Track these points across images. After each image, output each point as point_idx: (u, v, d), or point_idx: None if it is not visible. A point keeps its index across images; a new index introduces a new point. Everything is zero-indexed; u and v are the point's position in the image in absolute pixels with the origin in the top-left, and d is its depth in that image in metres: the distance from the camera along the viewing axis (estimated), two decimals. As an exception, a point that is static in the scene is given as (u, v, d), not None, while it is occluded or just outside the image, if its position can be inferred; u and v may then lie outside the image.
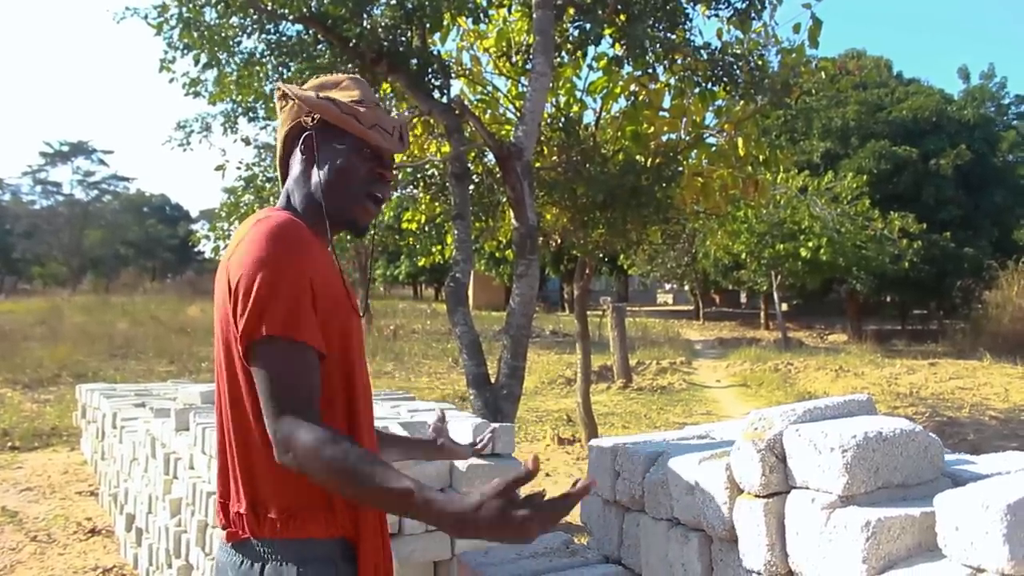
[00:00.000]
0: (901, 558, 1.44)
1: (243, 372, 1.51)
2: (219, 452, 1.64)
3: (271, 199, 7.43)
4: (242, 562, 1.57)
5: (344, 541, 1.58)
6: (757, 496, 1.63)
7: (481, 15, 6.95)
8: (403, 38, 6.22)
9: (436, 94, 6.24)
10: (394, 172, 1.79)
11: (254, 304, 1.46)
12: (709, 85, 7.08)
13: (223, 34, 6.44)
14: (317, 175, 1.65)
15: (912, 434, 1.57)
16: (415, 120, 7.43)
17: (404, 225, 9.04)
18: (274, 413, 1.43)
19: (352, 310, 1.67)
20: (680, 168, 7.76)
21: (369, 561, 1.61)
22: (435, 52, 6.76)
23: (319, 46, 6.39)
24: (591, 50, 7.45)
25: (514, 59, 7.73)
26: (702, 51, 6.94)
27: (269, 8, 6.13)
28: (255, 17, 6.30)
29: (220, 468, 1.64)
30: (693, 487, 1.79)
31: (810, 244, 20.83)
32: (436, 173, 7.79)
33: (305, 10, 5.97)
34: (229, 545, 1.61)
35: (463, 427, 3.85)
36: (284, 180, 1.73)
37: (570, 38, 6.86)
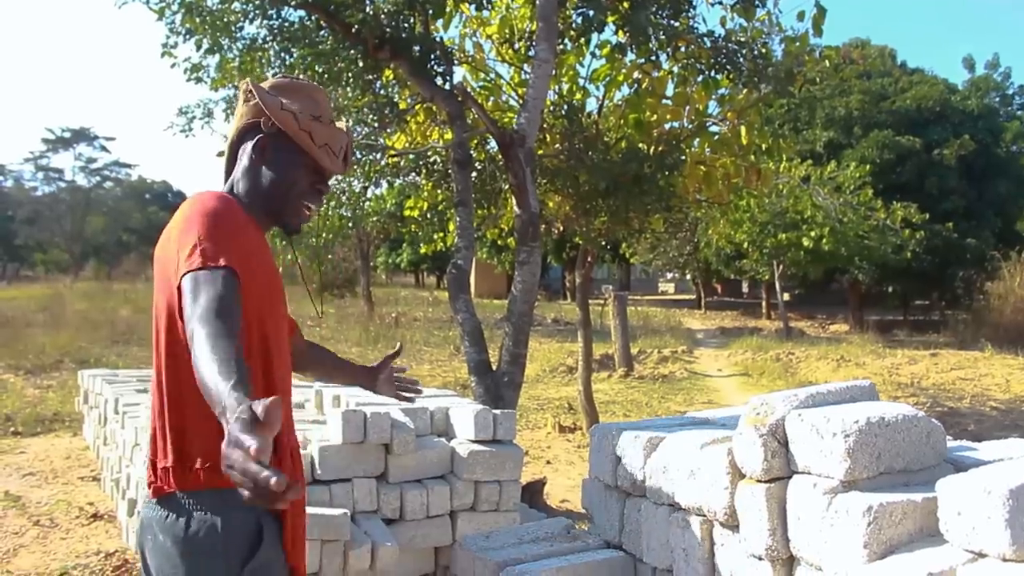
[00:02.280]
0: (902, 543, 1.44)
1: (182, 326, 1.52)
2: (154, 415, 1.69)
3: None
4: (167, 516, 1.63)
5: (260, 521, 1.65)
6: (759, 481, 1.63)
7: (484, 1, 6.92)
8: (406, 24, 6.19)
9: (439, 81, 6.22)
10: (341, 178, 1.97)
11: (193, 244, 1.54)
12: (712, 73, 7.05)
13: (225, 19, 6.41)
14: (263, 175, 1.81)
15: (914, 420, 1.57)
16: (417, 107, 7.41)
17: (406, 212, 9.02)
18: (200, 309, 1.45)
19: (279, 290, 1.81)
20: (683, 156, 7.74)
21: (288, 512, 1.69)
22: (438, 39, 6.73)
23: (321, 32, 6.36)
24: (594, 37, 7.42)
25: (517, 46, 7.70)
26: (706, 39, 6.91)
27: (271, -7, 6.11)
28: (257, 2, 6.28)
29: (153, 430, 1.70)
30: (694, 472, 1.80)
31: (812, 234, 20.79)
32: (438, 160, 7.78)
33: (307, -5, 5.95)
34: (154, 501, 1.66)
35: (465, 414, 3.85)
36: (230, 165, 1.89)
37: (573, 25, 6.83)
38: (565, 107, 7.82)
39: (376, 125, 6.95)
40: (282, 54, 6.51)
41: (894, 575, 1.36)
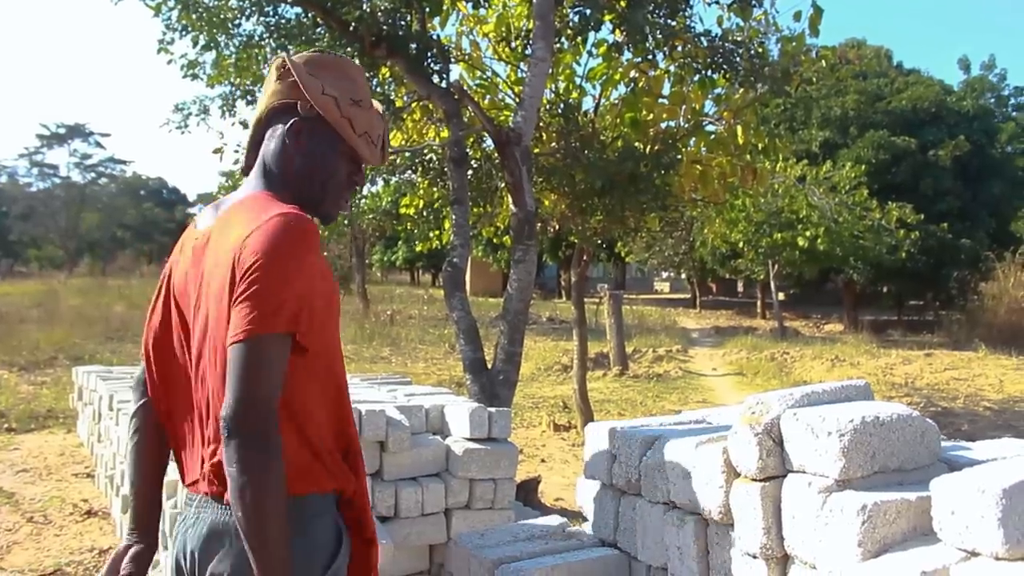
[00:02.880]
0: (896, 542, 1.45)
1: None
2: (194, 422, 1.61)
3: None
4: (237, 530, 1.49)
5: (337, 494, 1.61)
6: (754, 480, 1.63)
7: (481, 0, 6.92)
8: (402, 22, 6.18)
9: (435, 79, 6.21)
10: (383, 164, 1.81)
11: (264, 297, 1.45)
12: (709, 72, 7.06)
13: (221, 16, 6.40)
14: (298, 162, 1.67)
15: (909, 419, 1.58)
16: (414, 104, 7.41)
17: (402, 210, 9.02)
18: (247, 391, 1.42)
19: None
20: (679, 155, 7.74)
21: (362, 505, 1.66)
22: (434, 37, 6.72)
23: (318, 29, 6.35)
24: (591, 36, 7.42)
25: (513, 44, 7.70)
26: (702, 38, 6.92)
27: (268, -10, 6.10)
28: (254, -1, 6.27)
29: (203, 431, 1.59)
30: (690, 471, 1.80)
31: (807, 233, 20.82)
32: (434, 158, 7.78)
33: (304, -8, 5.94)
34: (226, 509, 1.53)
35: (460, 412, 3.86)
36: (255, 143, 1.73)
37: (570, 24, 6.83)
38: (561, 106, 7.82)
39: (372, 122, 6.94)
40: (279, 51, 6.49)
41: (888, 573, 1.37)
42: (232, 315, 1.46)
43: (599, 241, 9.99)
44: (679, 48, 7.00)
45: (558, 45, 7.14)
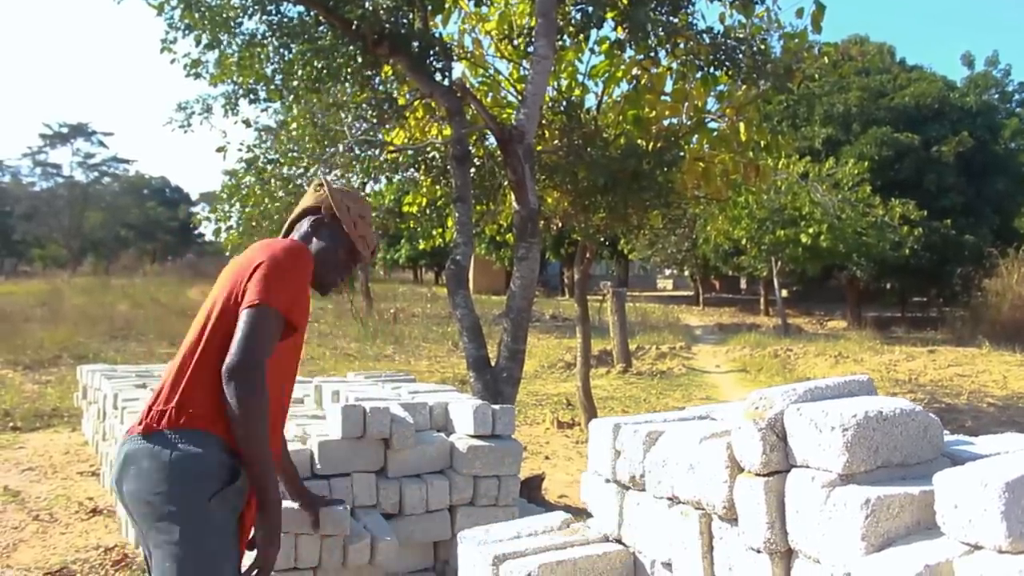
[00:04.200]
0: (900, 535, 1.45)
1: (232, 319, 2.09)
2: (172, 372, 2.13)
3: (272, 181, 7.41)
4: (153, 447, 2.01)
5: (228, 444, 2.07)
6: (757, 474, 1.64)
7: (483, -3, 6.93)
8: (405, 20, 6.19)
9: (438, 76, 6.22)
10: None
11: (270, 279, 2.12)
12: (711, 69, 7.06)
13: (224, 15, 6.41)
14: (313, 245, 2.42)
15: (912, 414, 1.58)
16: (416, 103, 7.41)
17: (405, 208, 9.02)
18: (245, 349, 2.03)
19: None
20: (681, 153, 7.74)
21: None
22: (437, 34, 6.73)
23: (320, 28, 6.36)
24: (593, 33, 7.42)
25: (516, 42, 7.70)
26: (704, 35, 6.91)
27: (270, -11, 6.11)
28: (256, -2, 6.28)
29: (164, 383, 2.13)
30: (693, 466, 1.81)
31: (810, 230, 20.79)
32: (437, 156, 7.78)
33: (307, -9, 5.95)
34: (140, 437, 2.05)
35: (464, 409, 3.86)
36: (290, 226, 2.53)
37: (572, 21, 6.83)
38: (564, 103, 7.82)
39: (375, 121, 6.96)
40: (281, 50, 6.51)
41: (891, 567, 1.37)
42: (247, 290, 2.10)
43: (602, 239, 10.00)
44: (681, 45, 7.00)
45: (560, 43, 7.14)
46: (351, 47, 6.11)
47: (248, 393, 2.00)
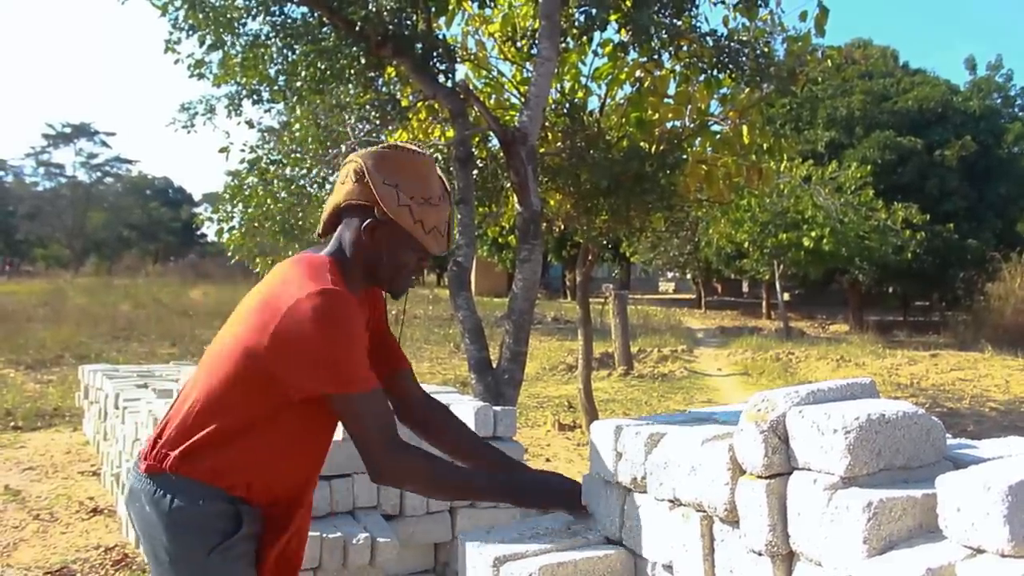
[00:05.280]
0: (902, 539, 1.45)
1: (252, 375, 1.84)
2: (182, 410, 1.92)
3: (275, 182, 7.42)
4: (155, 491, 1.87)
5: (241, 501, 1.90)
6: (759, 477, 1.63)
7: (487, 0, 6.92)
8: (408, 22, 6.19)
9: (441, 78, 6.22)
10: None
11: (330, 365, 1.81)
12: (714, 72, 7.05)
13: (228, 15, 6.42)
14: (372, 255, 1.95)
15: (915, 417, 1.58)
16: (419, 104, 7.42)
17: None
18: (377, 447, 1.88)
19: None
20: (684, 155, 7.74)
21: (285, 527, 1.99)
22: (440, 36, 6.74)
23: (324, 29, 6.37)
24: (596, 36, 7.42)
25: (519, 44, 7.70)
26: (708, 38, 6.91)
27: (274, -11, 6.11)
28: (260, -1, 6.29)
29: (171, 418, 1.94)
30: (695, 468, 1.80)
31: (813, 234, 20.79)
32: (440, 158, 7.78)
33: (310, -8, 5.95)
34: (144, 474, 1.91)
35: (465, 411, 3.86)
36: (332, 219, 2.02)
37: (575, 23, 6.83)
38: (567, 105, 7.82)
39: (378, 122, 6.96)
40: (285, 51, 6.51)
41: (893, 570, 1.37)
42: (298, 372, 1.83)
43: (604, 241, 10.00)
44: (685, 48, 7.00)
45: (563, 45, 7.14)
46: (355, 48, 6.11)
47: (406, 478, 1.98)
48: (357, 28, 5.91)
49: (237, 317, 1.96)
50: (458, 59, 7.16)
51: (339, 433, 3.50)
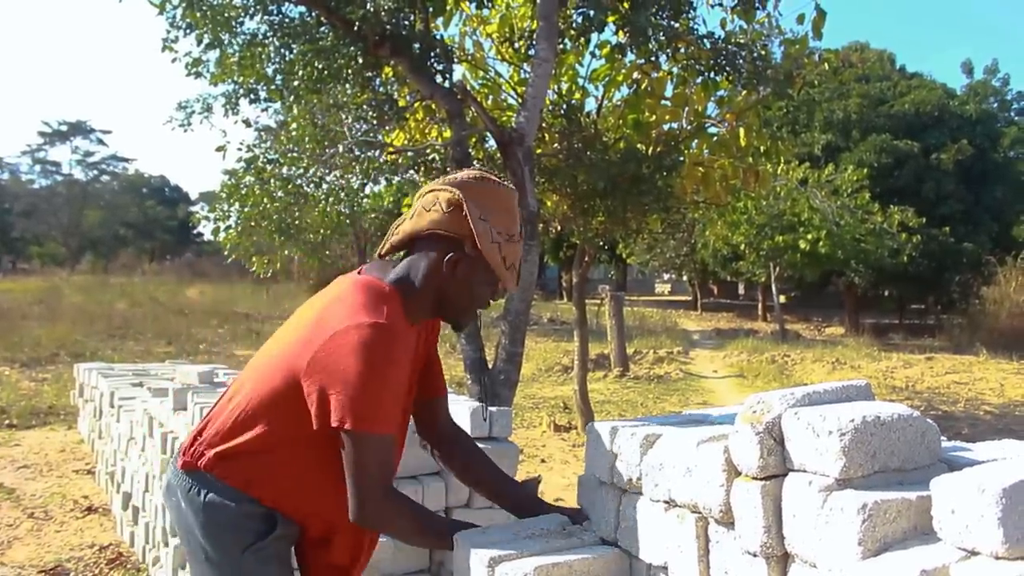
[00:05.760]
0: (896, 541, 1.45)
1: (290, 392, 1.81)
2: (227, 413, 1.92)
3: (271, 181, 7.41)
4: (191, 487, 1.89)
5: (275, 513, 1.91)
6: (754, 478, 1.63)
7: (484, 0, 6.92)
8: (406, 22, 6.19)
9: (438, 79, 6.23)
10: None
11: (355, 398, 1.74)
12: (712, 74, 7.06)
13: (226, 14, 6.42)
14: (449, 288, 1.90)
15: (910, 419, 1.58)
16: (417, 104, 7.42)
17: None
18: (372, 493, 1.82)
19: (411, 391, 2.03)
20: (681, 157, 7.75)
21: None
22: (438, 36, 6.74)
23: (322, 28, 6.37)
24: (594, 37, 7.43)
25: (517, 45, 7.71)
26: (705, 40, 6.92)
27: (272, -11, 6.11)
28: (258, -2, 6.29)
29: (213, 418, 1.96)
30: (690, 469, 1.80)
31: (809, 236, 20.82)
32: (437, 158, 7.78)
33: (308, -9, 5.95)
34: (182, 470, 1.93)
35: (460, 411, 3.86)
36: (405, 239, 1.96)
37: (573, 25, 6.84)
38: (564, 106, 7.83)
39: (375, 122, 6.96)
40: (282, 50, 6.51)
41: (888, 572, 1.37)
42: (327, 398, 1.77)
43: (601, 242, 10.01)
44: (682, 50, 7.01)
45: (561, 46, 7.15)
46: (352, 48, 6.11)
47: (388, 526, 1.97)
48: (355, 28, 5.91)
49: (293, 325, 1.96)
50: (455, 59, 7.16)
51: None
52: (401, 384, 1.86)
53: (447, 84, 6.21)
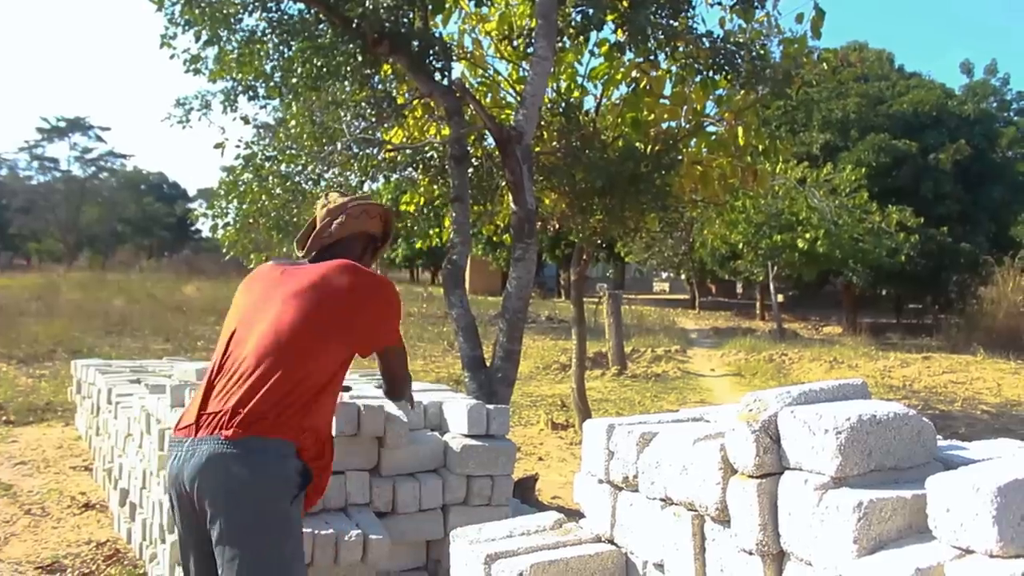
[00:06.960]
0: (892, 539, 1.45)
1: (334, 336, 2.44)
2: (253, 379, 2.30)
3: (270, 178, 7.40)
4: (247, 454, 2.21)
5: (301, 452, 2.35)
6: (751, 476, 1.64)
7: (483, -2, 6.92)
8: (405, 19, 6.18)
9: (437, 76, 6.22)
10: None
11: (393, 323, 2.72)
12: (710, 74, 7.05)
13: (224, 11, 6.40)
14: (366, 258, 2.89)
15: (905, 418, 1.59)
16: (415, 102, 7.41)
17: (402, 207, 9.00)
18: (406, 373, 2.94)
19: None
20: (679, 156, 7.74)
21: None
22: (437, 34, 6.73)
23: (320, 25, 6.36)
24: (593, 35, 7.42)
25: (516, 43, 7.70)
26: (704, 39, 6.91)
27: (271, -14, 6.10)
28: (257, -5, 6.28)
29: (242, 383, 2.30)
30: (687, 467, 1.81)
31: (807, 236, 20.84)
32: (435, 156, 7.77)
33: (307, -12, 5.94)
34: (227, 441, 2.22)
35: (458, 409, 3.86)
36: (341, 231, 2.78)
37: (572, 23, 6.83)
38: (563, 105, 7.83)
39: (374, 119, 6.95)
40: (281, 47, 6.50)
41: (883, 570, 1.37)
42: (377, 329, 2.66)
43: (599, 241, 10.00)
44: (681, 49, 7.00)
45: (560, 44, 7.15)
46: (351, 45, 6.10)
47: (408, 393, 3.11)
48: (354, 25, 5.91)
49: (281, 296, 2.46)
50: (454, 57, 7.15)
51: (332, 430, 3.50)
52: None
53: (446, 82, 6.21)
